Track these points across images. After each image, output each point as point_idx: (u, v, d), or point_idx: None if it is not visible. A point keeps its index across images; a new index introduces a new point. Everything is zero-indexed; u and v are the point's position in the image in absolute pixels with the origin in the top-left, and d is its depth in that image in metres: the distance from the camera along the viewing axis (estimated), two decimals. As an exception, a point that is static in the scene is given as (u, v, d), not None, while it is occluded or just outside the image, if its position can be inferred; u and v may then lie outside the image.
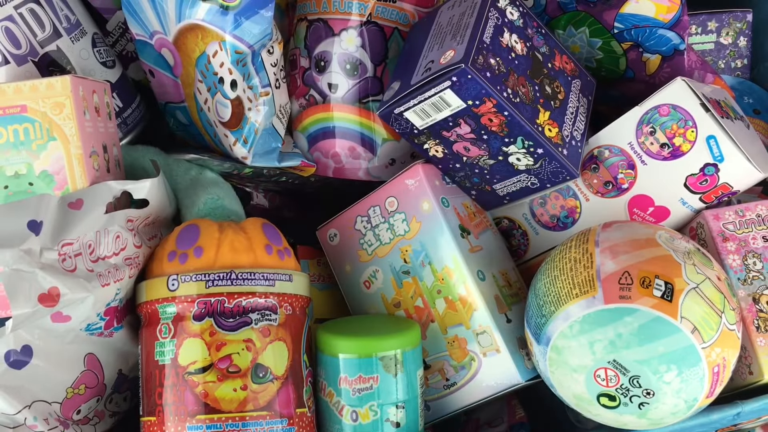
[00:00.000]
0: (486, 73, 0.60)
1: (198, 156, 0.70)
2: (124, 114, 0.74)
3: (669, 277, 0.56)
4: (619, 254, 0.57)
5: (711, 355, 0.54)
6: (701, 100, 0.63)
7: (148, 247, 0.63)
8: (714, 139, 0.62)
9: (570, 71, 0.70)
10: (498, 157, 0.66)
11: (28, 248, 0.55)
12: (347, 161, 0.72)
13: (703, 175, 0.64)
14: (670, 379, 0.54)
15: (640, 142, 0.65)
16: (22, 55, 0.67)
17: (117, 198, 0.61)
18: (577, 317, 0.56)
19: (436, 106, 0.62)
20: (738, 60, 0.85)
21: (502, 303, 0.66)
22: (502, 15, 0.65)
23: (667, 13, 0.67)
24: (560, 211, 0.70)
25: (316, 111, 0.72)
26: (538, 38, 0.68)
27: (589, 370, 0.56)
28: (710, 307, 0.55)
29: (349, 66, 0.70)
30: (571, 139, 0.66)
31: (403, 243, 0.68)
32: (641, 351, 0.54)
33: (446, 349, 0.66)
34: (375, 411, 0.61)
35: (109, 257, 0.60)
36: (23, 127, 0.60)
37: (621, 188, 0.67)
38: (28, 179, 0.60)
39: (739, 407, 0.61)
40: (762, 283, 0.63)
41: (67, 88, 0.60)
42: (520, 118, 0.62)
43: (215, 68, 0.66)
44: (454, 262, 0.65)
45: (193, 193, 0.70)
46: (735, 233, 0.64)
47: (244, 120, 0.68)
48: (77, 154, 0.60)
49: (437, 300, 0.66)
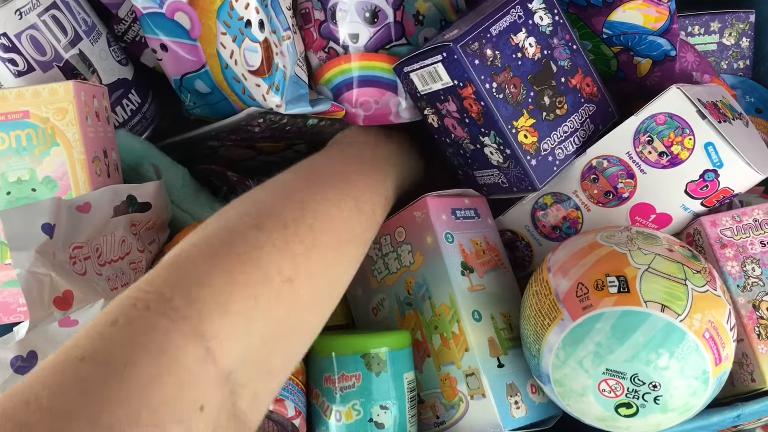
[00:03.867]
0: (474, 60, 0.63)
1: (217, 125, 0.70)
2: (143, 109, 0.77)
3: (618, 270, 0.57)
4: (569, 270, 0.59)
5: (693, 324, 0.54)
6: (697, 107, 0.63)
7: (149, 252, 0.65)
8: (712, 145, 0.63)
9: (588, 94, 0.71)
10: (476, 144, 0.69)
11: (43, 251, 0.56)
12: (376, 107, 0.73)
13: (704, 181, 0.64)
14: (665, 363, 0.54)
15: (638, 152, 0.66)
16: (48, 61, 0.68)
17: (123, 201, 0.63)
18: (557, 344, 0.57)
19: (431, 75, 0.66)
20: (740, 60, 0.87)
21: (496, 346, 0.65)
22: (527, 16, 0.67)
23: (655, 22, 0.68)
24: (562, 222, 0.71)
25: (339, 63, 0.73)
26: (563, 51, 0.69)
27: (592, 387, 0.56)
28: (669, 279, 0.56)
29: (369, 14, 0.71)
30: (548, 154, 0.68)
31: (408, 274, 0.69)
32: (625, 349, 0.55)
33: (439, 386, 0.66)
34: (358, 410, 0.62)
35: (115, 261, 0.62)
36: (26, 132, 0.61)
37: (622, 197, 0.68)
38: (31, 185, 0.61)
39: (739, 409, 0.62)
40: (761, 289, 0.64)
41: (70, 93, 0.61)
42: (495, 112, 0.65)
43: (240, 12, 0.66)
44: (451, 299, 0.65)
45: (198, 196, 0.71)
46: (733, 239, 0.65)
47: (273, 65, 0.68)
48: (80, 159, 0.61)
49: (434, 335, 0.66)
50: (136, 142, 0.73)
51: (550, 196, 0.71)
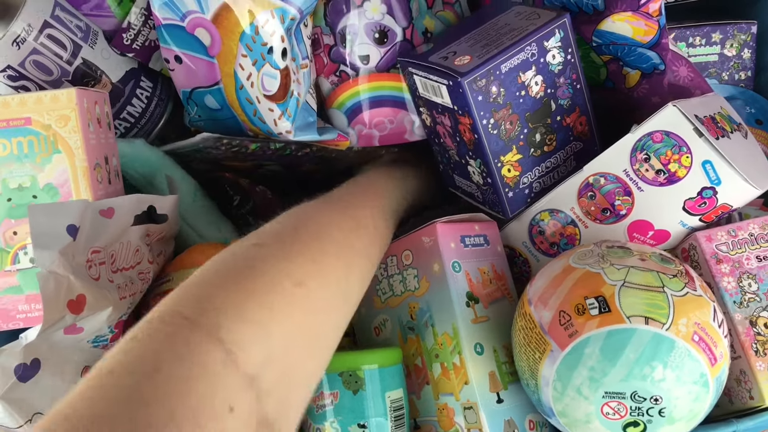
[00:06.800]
0: (478, 96, 0.65)
1: (213, 135, 0.71)
2: (157, 92, 0.78)
3: (595, 290, 0.57)
4: (548, 300, 0.59)
5: (680, 330, 0.55)
6: (694, 125, 0.63)
7: (156, 264, 0.66)
8: (710, 163, 0.63)
9: (578, 132, 0.73)
10: (461, 160, 0.71)
11: (66, 252, 0.57)
12: (391, 127, 0.75)
13: (702, 198, 0.64)
14: (661, 375, 0.54)
15: (635, 169, 0.66)
16: (56, 79, 0.70)
17: (144, 211, 0.64)
18: (552, 376, 0.57)
19: (434, 89, 0.68)
20: (742, 72, 0.88)
21: (496, 381, 0.64)
22: (540, 54, 0.68)
23: (644, 35, 0.68)
24: (559, 239, 0.72)
25: (351, 85, 0.75)
26: (566, 90, 0.71)
27: (596, 413, 0.56)
28: (647, 290, 0.56)
29: (378, 35, 0.73)
30: (526, 187, 0.70)
31: (412, 299, 0.69)
32: (618, 369, 0.55)
33: (435, 415, 0.66)
34: (336, 428, 0.62)
35: (127, 269, 0.63)
36: (27, 139, 0.62)
37: (619, 215, 0.68)
38: (32, 192, 0.62)
39: (734, 426, 0.62)
40: (758, 304, 0.64)
41: (72, 100, 0.62)
42: (485, 146, 0.67)
43: (264, 38, 0.68)
44: (454, 330, 0.64)
45: (207, 213, 0.73)
46: (728, 254, 0.65)
47: (289, 92, 0.70)
48: (82, 167, 0.62)
49: (434, 364, 0.66)
50: (152, 154, 0.74)
51: (547, 213, 0.71)
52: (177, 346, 0.43)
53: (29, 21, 0.67)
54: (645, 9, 0.65)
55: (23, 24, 0.67)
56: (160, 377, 0.41)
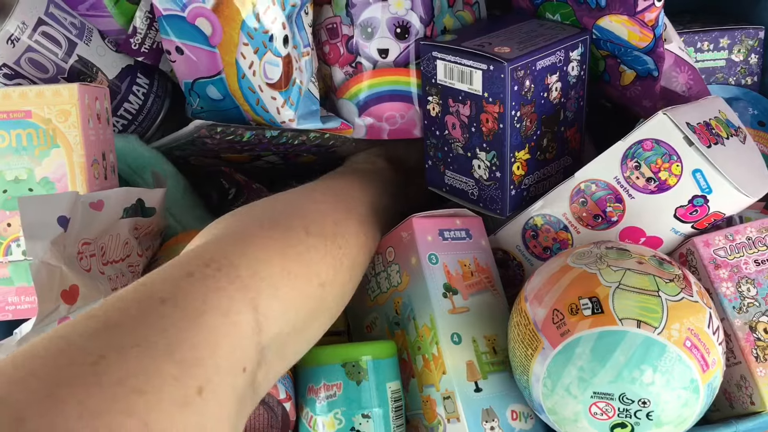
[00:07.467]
0: (514, 86, 0.66)
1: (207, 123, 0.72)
2: (154, 88, 0.79)
3: (590, 291, 0.57)
4: (543, 297, 0.59)
5: (672, 335, 0.55)
6: (684, 134, 0.63)
7: (145, 258, 0.67)
8: (700, 172, 0.63)
9: (572, 147, 0.75)
10: (468, 153, 0.71)
11: (57, 243, 0.58)
12: (402, 122, 0.76)
13: (693, 206, 0.64)
14: (650, 378, 0.54)
15: (625, 177, 0.66)
16: (52, 77, 0.71)
17: (133, 204, 0.65)
18: (543, 373, 0.58)
19: (462, 75, 0.68)
20: (749, 77, 0.88)
21: (475, 370, 0.64)
22: (565, 62, 0.70)
23: (639, 41, 0.68)
24: (552, 243, 0.72)
25: (367, 77, 0.75)
26: (573, 104, 0.73)
27: (584, 412, 0.57)
28: (641, 293, 0.56)
29: (400, 30, 0.73)
30: (525, 189, 0.72)
31: (396, 294, 0.70)
32: (608, 371, 0.55)
33: (421, 408, 0.66)
34: (339, 419, 0.63)
35: (117, 262, 0.64)
36: (26, 132, 0.63)
37: (611, 221, 0.68)
38: (28, 185, 0.63)
39: (734, 426, 0.62)
40: (757, 309, 0.64)
41: (74, 96, 0.63)
42: (507, 137, 0.68)
43: (266, 26, 0.68)
44: (431, 320, 0.65)
45: (194, 209, 0.74)
46: (726, 259, 0.65)
47: (291, 80, 0.71)
48: (80, 162, 0.63)
49: (417, 356, 0.67)
50: (145, 150, 0.76)
51: (540, 218, 0.71)
52: (224, 299, 0.47)
53: (23, 19, 0.68)
54: (641, 17, 0.65)
55: (17, 22, 0.68)
56: (203, 322, 0.45)
